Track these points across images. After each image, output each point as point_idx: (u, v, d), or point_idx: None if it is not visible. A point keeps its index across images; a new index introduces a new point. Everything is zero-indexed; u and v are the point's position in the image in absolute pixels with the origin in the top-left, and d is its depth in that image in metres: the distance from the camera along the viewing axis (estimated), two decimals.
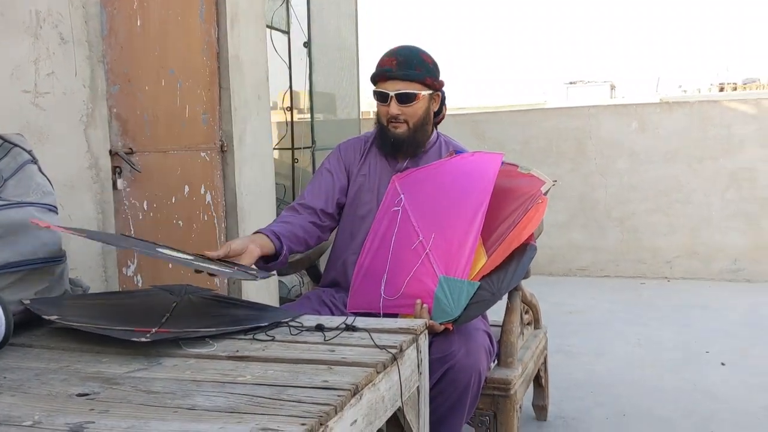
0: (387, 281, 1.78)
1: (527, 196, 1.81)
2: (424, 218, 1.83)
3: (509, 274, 1.72)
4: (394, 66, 1.90)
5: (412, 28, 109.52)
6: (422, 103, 1.93)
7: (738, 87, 18.55)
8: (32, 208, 1.47)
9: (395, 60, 1.91)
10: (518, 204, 1.80)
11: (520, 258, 1.74)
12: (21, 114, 2.02)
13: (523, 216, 1.77)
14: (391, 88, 1.90)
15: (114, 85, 2.43)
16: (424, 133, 1.98)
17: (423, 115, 1.94)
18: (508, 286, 1.71)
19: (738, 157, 4.89)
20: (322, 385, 1.05)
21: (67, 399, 1.02)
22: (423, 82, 1.91)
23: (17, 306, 1.37)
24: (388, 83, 1.91)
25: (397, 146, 1.97)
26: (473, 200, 1.77)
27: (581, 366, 3.12)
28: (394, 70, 1.89)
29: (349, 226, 2.03)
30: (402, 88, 1.89)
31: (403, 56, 1.91)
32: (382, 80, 1.92)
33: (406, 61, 1.90)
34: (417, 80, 1.90)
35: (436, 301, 1.68)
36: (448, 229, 1.76)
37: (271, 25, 4.11)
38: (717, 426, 2.45)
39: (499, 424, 1.86)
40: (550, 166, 5.27)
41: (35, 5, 2.06)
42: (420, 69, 1.90)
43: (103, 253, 2.30)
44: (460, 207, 1.78)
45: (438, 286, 1.70)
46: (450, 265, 1.71)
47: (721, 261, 4.93)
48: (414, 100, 1.90)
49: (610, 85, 24.63)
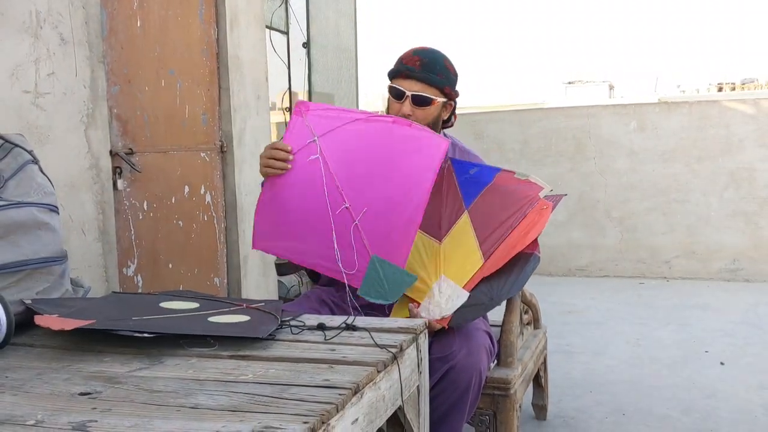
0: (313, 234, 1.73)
1: (525, 201, 1.81)
2: (351, 185, 1.72)
3: (510, 281, 1.72)
4: (417, 66, 1.86)
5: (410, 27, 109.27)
6: (435, 109, 1.90)
7: (736, 87, 18.57)
8: (33, 208, 1.47)
9: (419, 60, 1.87)
10: (516, 208, 1.80)
11: (522, 267, 1.75)
12: (21, 114, 2.02)
13: (521, 219, 1.77)
14: (408, 88, 1.86)
15: (114, 86, 2.44)
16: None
17: (432, 121, 1.92)
18: (508, 294, 1.72)
19: (737, 157, 4.89)
20: (324, 383, 1.05)
21: (69, 398, 1.03)
22: (441, 89, 1.88)
23: (19, 306, 1.38)
24: (406, 82, 1.87)
25: None
26: (416, 192, 1.70)
27: (581, 365, 3.13)
28: (416, 71, 1.86)
29: None
30: (420, 90, 1.86)
31: (428, 59, 1.87)
32: (401, 77, 1.88)
33: (429, 63, 1.87)
34: (436, 85, 1.87)
35: (369, 280, 1.65)
36: (386, 212, 1.69)
37: (271, 25, 4.11)
38: (716, 424, 2.46)
39: (499, 424, 1.87)
40: (549, 166, 5.28)
41: (35, 6, 2.06)
42: (441, 75, 1.87)
43: (103, 253, 2.30)
44: (401, 193, 1.70)
45: (371, 264, 1.67)
46: (388, 250, 1.68)
47: (720, 260, 4.94)
48: (429, 104, 1.87)
49: (609, 84, 24.65)
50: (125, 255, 2.49)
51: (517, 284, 1.73)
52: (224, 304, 1.50)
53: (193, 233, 2.85)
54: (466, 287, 1.72)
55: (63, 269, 1.52)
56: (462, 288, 1.72)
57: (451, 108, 1.98)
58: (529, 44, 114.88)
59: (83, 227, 2.22)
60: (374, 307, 1.91)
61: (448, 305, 1.70)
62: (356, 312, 1.70)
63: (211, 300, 1.54)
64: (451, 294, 1.71)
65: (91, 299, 1.55)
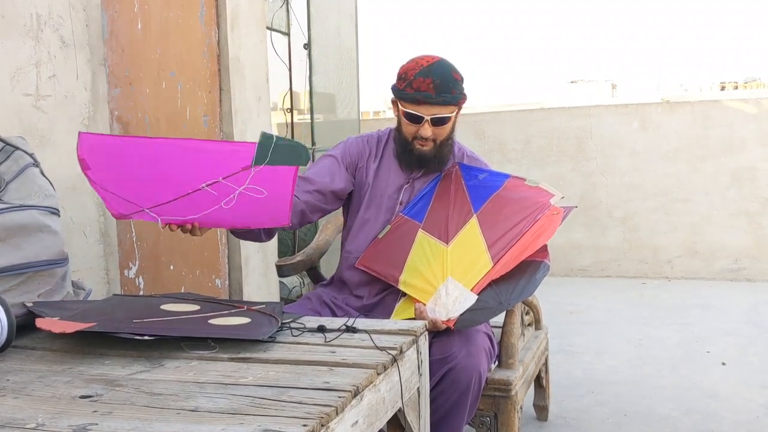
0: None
1: (536, 207, 1.81)
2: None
3: (519, 287, 1.73)
4: (432, 91, 1.82)
5: (412, 28, 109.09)
6: (452, 123, 1.91)
7: (739, 85, 18.56)
8: (35, 210, 1.48)
9: (431, 83, 1.82)
10: (527, 213, 1.80)
11: (532, 274, 1.75)
12: (23, 117, 2.03)
13: (531, 225, 1.77)
14: (426, 113, 1.84)
15: (115, 88, 2.44)
16: (449, 148, 1.96)
17: (450, 133, 1.94)
18: (517, 299, 1.73)
19: (739, 157, 4.89)
20: (323, 386, 1.05)
21: (70, 401, 1.03)
22: (457, 104, 1.88)
23: (20, 308, 1.38)
24: (422, 107, 1.84)
25: (423, 163, 1.93)
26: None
27: (582, 365, 3.13)
28: (433, 96, 1.82)
29: (352, 225, 2.02)
30: (438, 113, 1.84)
31: (439, 78, 1.83)
32: (417, 104, 1.85)
33: (442, 84, 1.83)
34: (453, 104, 1.86)
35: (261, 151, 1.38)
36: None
37: (272, 26, 4.11)
38: (717, 424, 2.46)
39: (500, 425, 1.87)
40: (551, 166, 5.28)
41: (36, 8, 2.07)
42: (455, 92, 1.85)
43: (105, 255, 2.31)
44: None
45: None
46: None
47: (723, 260, 4.93)
48: (447, 122, 1.88)
49: (612, 84, 24.65)
50: (126, 257, 2.49)
51: (526, 291, 1.73)
52: (225, 306, 1.50)
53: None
54: (474, 290, 1.72)
55: (64, 272, 1.53)
56: (470, 291, 1.72)
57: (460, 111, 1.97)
58: (532, 43, 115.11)
59: (84, 229, 2.23)
60: (376, 309, 1.91)
61: (455, 307, 1.70)
62: (357, 314, 1.71)
63: (212, 302, 1.55)
64: (458, 296, 1.71)
65: (92, 302, 1.56)
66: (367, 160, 2.02)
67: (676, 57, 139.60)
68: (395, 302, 1.86)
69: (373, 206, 1.98)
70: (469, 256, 1.77)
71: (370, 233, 1.96)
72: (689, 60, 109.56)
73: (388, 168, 2.00)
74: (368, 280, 1.93)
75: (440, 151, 1.93)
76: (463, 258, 1.78)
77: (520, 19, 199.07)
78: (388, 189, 1.98)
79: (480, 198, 1.88)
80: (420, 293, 1.76)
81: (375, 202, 1.98)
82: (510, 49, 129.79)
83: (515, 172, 2.07)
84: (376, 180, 2.00)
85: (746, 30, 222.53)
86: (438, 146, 1.91)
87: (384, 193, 1.98)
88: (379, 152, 2.03)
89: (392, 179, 1.99)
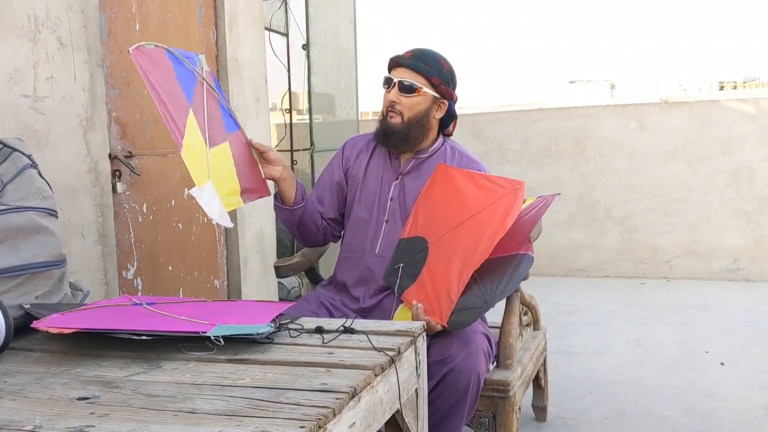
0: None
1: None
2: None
3: (503, 282, 1.70)
4: (408, 55, 1.92)
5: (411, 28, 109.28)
6: (422, 99, 1.89)
7: (738, 85, 18.58)
8: (32, 212, 1.48)
9: (412, 52, 1.93)
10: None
11: (516, 268, 1.72)
12: (20, 118, 2.03)
13: (489, 205, 1.74)
14: (396, 75, 1.91)
15: (113, 89, 2.44)
16: (418, 133, 1.93)
17: (420, 113, 1.90)
18: (501, 295, 1.69)
19: (737, 157, 4.89)
20: (321, 387, 1.05)
21: (67, 403, 1.03)
22: (429, 78, 1.89)
23: (18, 310, 1.38)
24: (396, 70, 1.92)
25: (387, 136, 1.93)
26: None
27: (581, 366, 3.13)
28: (406, 58, 1.91)
29: (347, 226, 2.03)
30: (406, 77, 1.88)
31: (421, 51, 1.93)
32: (391, 67, 1.94)
33: (421, 55, 1.91)
34: (423, 74, 1.88)
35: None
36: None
37: (270, 27, 4.11)
38: (716, 425, 2.46)
39: (499, 426, 1.87)
40: (549, 166, 5.28)
41: (34, 9, 2.07)
42: (431, 66, 1.90)
43: (103, 256, 2.31)
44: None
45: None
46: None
47: (721, 260, 4.94)
48: (414, 92, 1.88)
49: (610, 84, 24.67)
50: (125, 258, 2.49)
51: (510, 285, 1.71)
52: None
53: (193, 236, 2.85)
54: (459, 291, 1.69)
55: (62, 273, 1.53)
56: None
57: (445, 107, 1.94)
58: (531, 43, 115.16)
59: (83, 230, 2.23)
60: (374, 311, 1.91)
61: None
62: (355, 315, 1.71)
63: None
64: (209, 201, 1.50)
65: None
66: (358, 156, 2.05)
67: (674, 57, 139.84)
68: (392, 303, 1.86)
69: (365, 205, 2.00)
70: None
71: (366, 233, 1.97)
72: (688, 60, 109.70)
73: (378, 165, 2.02)
74: (364, 281, 1.93)
75: (407, 131, 1.91)
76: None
77: (518, 19, 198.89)
78: (379, 186, 2.00)
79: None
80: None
81: (368, 200, 2.00)
82: (509, 49, 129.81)
83: (514, 172, 2.06)
84: (367, 177, 2.02)
85: (745, 30, 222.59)
86: (405, 124, 1.90)
87: (376, 189, 2.00)
88: (369, 148, 2.04)
89: (382, 176, 2.01)
